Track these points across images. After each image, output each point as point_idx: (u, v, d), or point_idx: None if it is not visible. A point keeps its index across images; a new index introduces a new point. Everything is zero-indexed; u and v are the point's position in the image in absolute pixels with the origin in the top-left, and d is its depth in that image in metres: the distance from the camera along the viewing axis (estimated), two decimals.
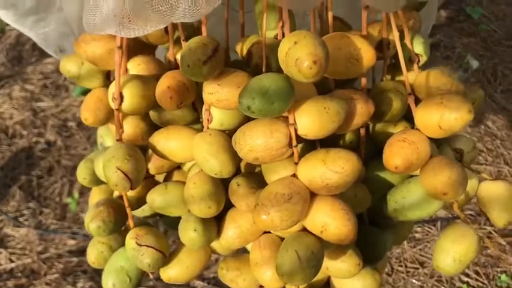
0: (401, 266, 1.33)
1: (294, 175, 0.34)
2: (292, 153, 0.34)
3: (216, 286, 1.31)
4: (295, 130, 0.33)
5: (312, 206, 0.33)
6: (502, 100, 1.77)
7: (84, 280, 1.38)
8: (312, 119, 0.32)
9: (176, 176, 0.45)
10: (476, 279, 1.29)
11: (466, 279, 1.29)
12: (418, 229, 1.41)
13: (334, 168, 0.32)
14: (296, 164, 0.34)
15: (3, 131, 1.87)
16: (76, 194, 1.59)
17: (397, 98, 0.38)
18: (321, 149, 0.33)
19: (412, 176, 0.39)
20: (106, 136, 0.47)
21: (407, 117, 0.41)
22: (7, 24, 2.58)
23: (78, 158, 1.72)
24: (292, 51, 0.29)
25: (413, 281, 1.30)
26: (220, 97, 0.34)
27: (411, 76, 0.40)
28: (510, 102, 1.77)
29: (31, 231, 1.53)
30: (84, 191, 1.61)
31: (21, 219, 1.56)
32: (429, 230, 1.40)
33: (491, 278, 1.29)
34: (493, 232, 1.39)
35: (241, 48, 0.43)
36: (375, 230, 0.42)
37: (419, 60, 0.41)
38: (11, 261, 1.46)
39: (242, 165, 0.42)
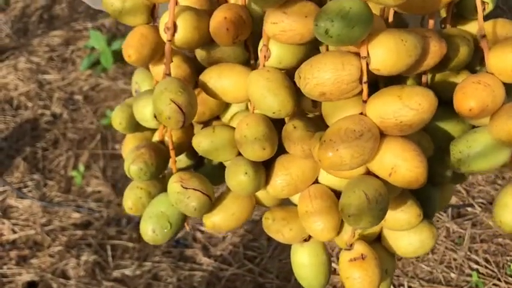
0: None
1: (362, 114, 0.32)
2: (361, 92, 0.32)
3: (223, 264, 1.29)
4: (367, 65, 0.31)
5: (380, 146, 0.31)
6: None
7: (88, 253, 1.36)
8: (388, 50, 0.30)
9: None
10: (486, 267, 1.28)
11: (475, 266, 1.28)
12: None
13: (410, 104, 0.30)
14: (364, 102, 0.32)
15: (7, 102, 1.84)
16: (81, 168, 1.57)
17: (463, 44, 0.36)
18: (394, 86, 0.31)
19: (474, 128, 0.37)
20: (142, 82, 0.45)
21: (470, 68, 0.39)
22: None
23: (84, 131, 1.70)
24: None
25: (423, 266, 1.28)
26: (285, 27, 0.32)
27: (475, 25, 0.38)
28: None
29: (35, 203, 1.50)
30: (90, 165, 1.59)
31: (25, 190, 1.54)
32: (440, 216, 1.39)
33: (501, 267, 1.28)
34: None
35: None
36: (427, 186, 0.40)
37: (484, 8, 0.39)
38: (14, 232, 1.44)
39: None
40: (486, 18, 0.40)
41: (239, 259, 1.31)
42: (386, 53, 0.30)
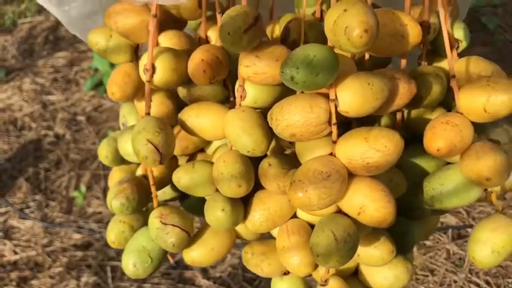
0: None
1: (332, 154, 0.32)
2: (331, 132, 0.32)
3: (222, 286, 1.29)
4: (336, 107, 0.31)
5: (349, 186, 0.32)
6: None
7: (89, 275, 1.36)
8: (354, 94, 0.31)
9: (199, 158, 0.43)
10: None
11: None
12: (429, 236, 1.39)
13: (376, 146, 0.31)
14: (334, 142, 0.32)
15: (11, 123, 1.86)
16: (83, 188, 1.58)
17: (437, 82, 0.37)
18: (362, 127, 0.32)
19: (448, 164, 0.38)
20: (129, 115, 0.46)
21: (445, 105, 0.39)
22: (19, 18, 2.59)
23: (86, 152, 1.72)
24: (342, 19, 0.28)
25: None
26: (257, 70, 0.33)
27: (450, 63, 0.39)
28: None
29: (36, 224, 1.51)
30: (92, 185, 1.60)
31: (27, 211, 1.55)
32: (440, 238, 1.38)
33: None
34: None
35: (272, 30, 0.42)
36: (404, 220, 0.41)
37: (458, 46, 0.40)
38: (15, 253, 1.45)
39: (269, 150, 0.41)
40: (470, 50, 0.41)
41: (238, 281, 1.31)
42: (352, 96, 0.31)
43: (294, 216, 0.39)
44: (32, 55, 2.25)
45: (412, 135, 0.39)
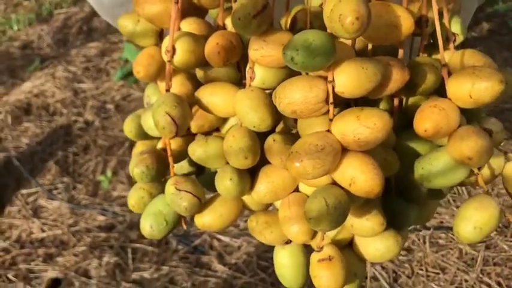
0: (422, 269, 1.34)
1: (328, 131, 0.36)
2: (328, 110, 0.36)
3: (237, 272, 1.34)
4: (333, 87, 0.35)
5: (342, 160, 0.36)
6: None
7: (110, 255, 1.42)
8: (349, 76, 0.34)
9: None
10: None
11: None
12: (442, 235, 1.41)
13: (367, 124, 0.34)
14: (331, 120, 0.36)
15: (44, 108, 1.95)
16: (109, 173, 1.64)
17: (431, 71, 0.40)
18: (355, 107, 0.36)
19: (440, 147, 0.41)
20: (153, 95, 0.51)
21: (440, 93, 0.43)
22: (55, 8, 2.67)
23: (113, 138, 1.78)
24: (337, 8, 0.32)
25: (433, 285, 1.30)
26: (264, 53, 0.37)
27: (447, 54, 0.42)
28: None
29: (63, 205, 1.59)
30: (117, 171, 1.66)
31: (55, 192, 1.63)
32: (453, 237, 1.40)
33: None
34: None
35: (286, 21, 0.46)
36: (402, 201, 0.44)
37: (455, 39, 0.43)
38: (43, 231, 1.52)
39: (278, 129, 0.45)
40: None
41: (252, 268, 1.35)
42: (348, 78, 0.34)
43: (297, 190, 0.43)
44: (65, 44, 2.34)
45: (409, 121, 0.42)
